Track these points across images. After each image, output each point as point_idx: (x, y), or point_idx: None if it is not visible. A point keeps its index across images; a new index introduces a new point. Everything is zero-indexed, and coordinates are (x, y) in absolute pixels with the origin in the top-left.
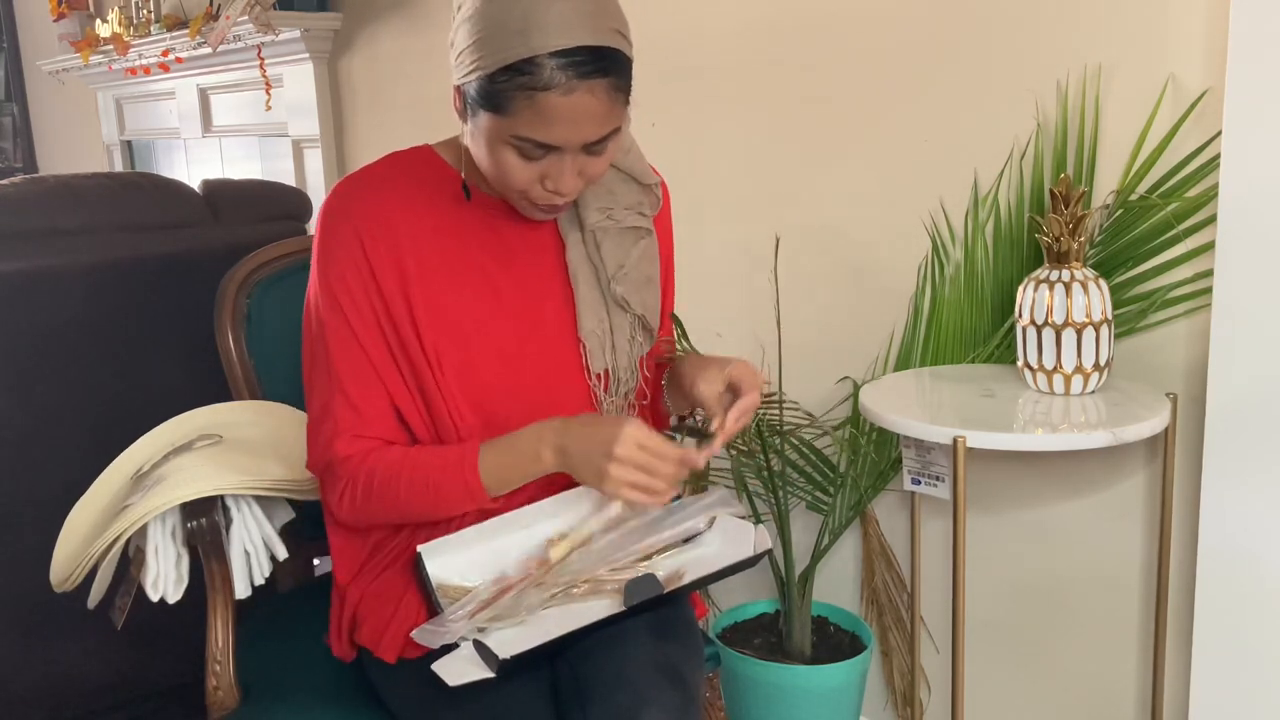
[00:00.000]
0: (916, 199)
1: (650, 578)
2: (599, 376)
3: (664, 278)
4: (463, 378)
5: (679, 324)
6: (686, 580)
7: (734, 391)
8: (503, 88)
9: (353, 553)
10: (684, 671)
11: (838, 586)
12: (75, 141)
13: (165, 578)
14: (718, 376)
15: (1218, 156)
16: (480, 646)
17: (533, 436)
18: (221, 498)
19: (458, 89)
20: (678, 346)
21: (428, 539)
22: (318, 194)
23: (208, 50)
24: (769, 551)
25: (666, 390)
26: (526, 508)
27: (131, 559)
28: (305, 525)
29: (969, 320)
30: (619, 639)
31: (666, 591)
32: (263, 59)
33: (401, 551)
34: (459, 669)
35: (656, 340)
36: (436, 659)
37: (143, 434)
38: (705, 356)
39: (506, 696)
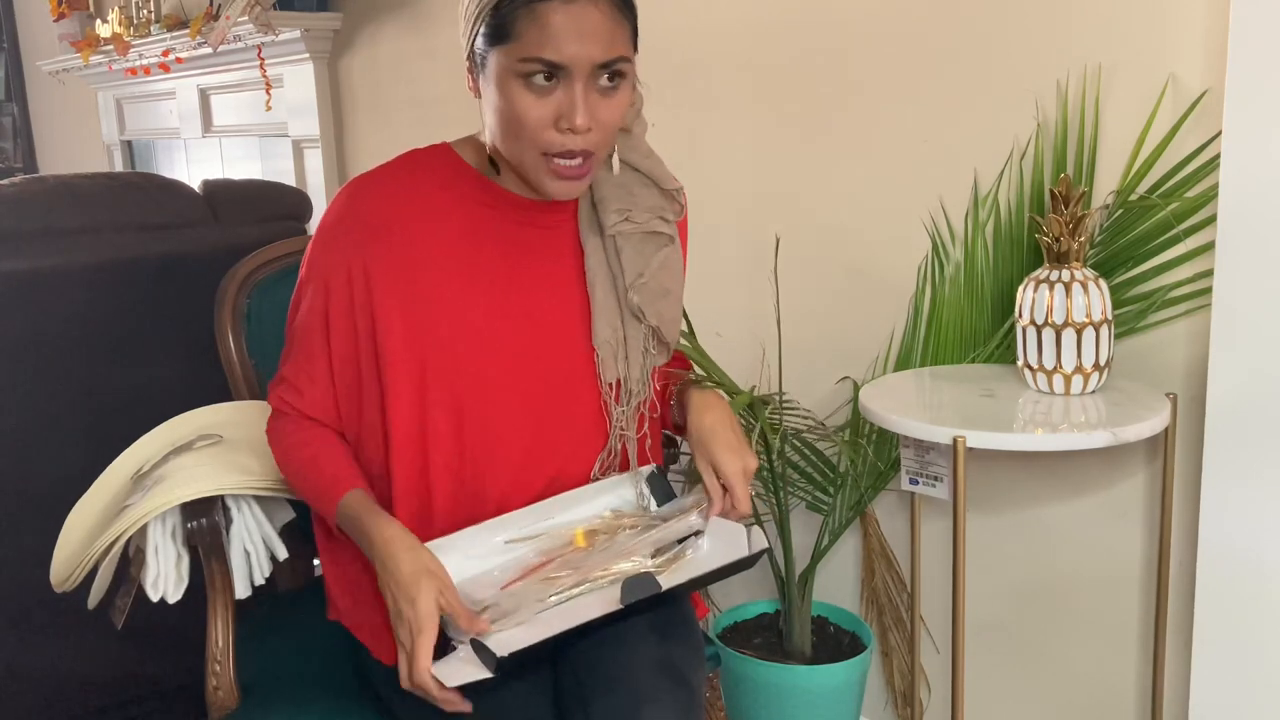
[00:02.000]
0: (916, 199)
1: (648, 576)
2: (610, 386)
3: None
4: (466, 375)
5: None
6: (683, 579)
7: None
8: (506, 13)
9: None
10: (685, 671)
11: (838, 586)
12: (75, 141)
13: (165, 578)
14: (724, 463)
15: (1218, 156)
16: (478, 646)
17: (383, 545)
18: (221, 498)
19: (469, 58)
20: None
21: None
22: (318, 194)
23: (208, 50)
24: (767, 551)
25: (674, 406)
26: (525, 510)
27: (131, 559)
28: (305, 525)
29: (969, 320)
30: (620, 638)
31: (664, 590)
32: (263, 59)
33: None
34: (457, 670)
35: (673, 359)
36: (434, 660)
37: (143, 434)
38: (717, 416)
39: (508, 696)
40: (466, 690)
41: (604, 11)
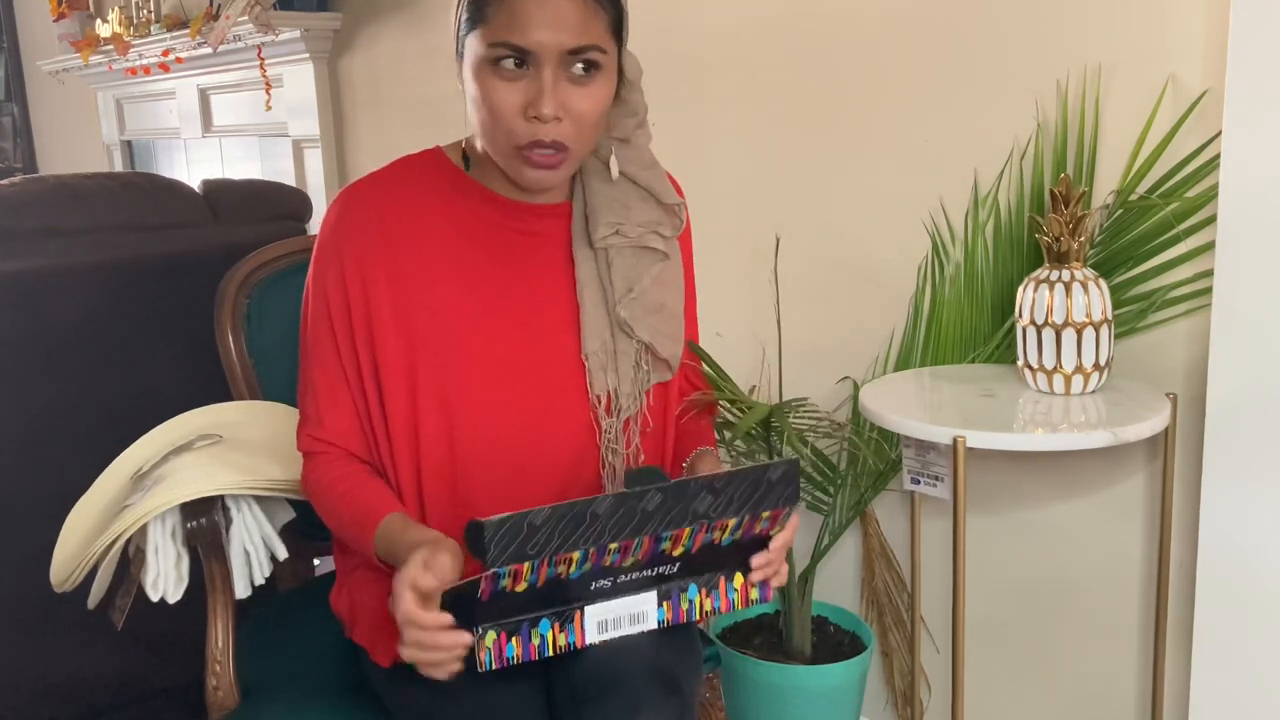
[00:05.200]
0: (916, 199)
1: (654, 469)
2: (599, 399)
3: (685, 305)
4: (456, 380)
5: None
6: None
7: None
8: None
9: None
10: (679, 678)
11: (838, 586)
12: (75, 141)
13: (165, 578)
14: None
15: (1218, 156)
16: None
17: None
18: (221, 498)
19: (456, 49)
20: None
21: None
22: (318, 194)
23: (208, 50)
24: (797, 464)
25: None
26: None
27: (131, 559)
28: (305, 525)
29: (969, 320)
30: (615, 644)
31: (673, 483)
32: (263, 59)
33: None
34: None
35: (679, 374)
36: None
37: (143, 434)
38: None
39: (500, 701)
40: (461, 691)
41: None
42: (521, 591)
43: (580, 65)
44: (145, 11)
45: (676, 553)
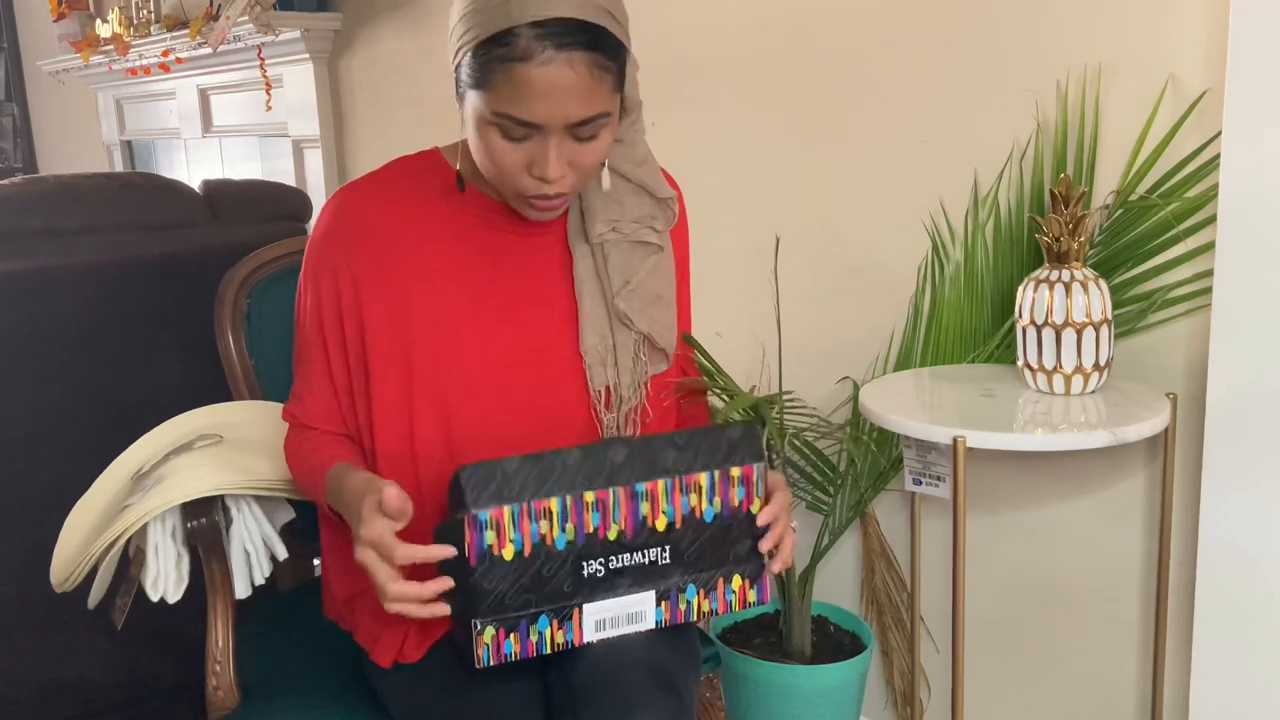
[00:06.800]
0: (916, 199)
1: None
2: (599, 393)
3: (678, 295)
4: (454, 382)
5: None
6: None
7: None
8: (484, 62)
9: (338, 556)
10: (676, 678)
11: (838, 586)
12: (75, 141)
13: (165, 578)
14: None
15: (1218, 156)
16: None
17: (358, 494)
18: (221, 498)
19: (455, 74)
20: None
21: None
22: (318, 194)
23: (208, 50)
24: (762, 426)
25: None
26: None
27: (131, 559)
28: (305, 525)
29: (969, 320)
30: (613, 643)
31: (637, 437)
32: (263, 59)
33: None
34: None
35: (672, 365)
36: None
37: (143, 434)
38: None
39: (499, 700)
40: (458, 687)
41: (580, 72)
42: (510, 561)
43: (585, 128)
44: (145, 12)
45: (659, 524)
